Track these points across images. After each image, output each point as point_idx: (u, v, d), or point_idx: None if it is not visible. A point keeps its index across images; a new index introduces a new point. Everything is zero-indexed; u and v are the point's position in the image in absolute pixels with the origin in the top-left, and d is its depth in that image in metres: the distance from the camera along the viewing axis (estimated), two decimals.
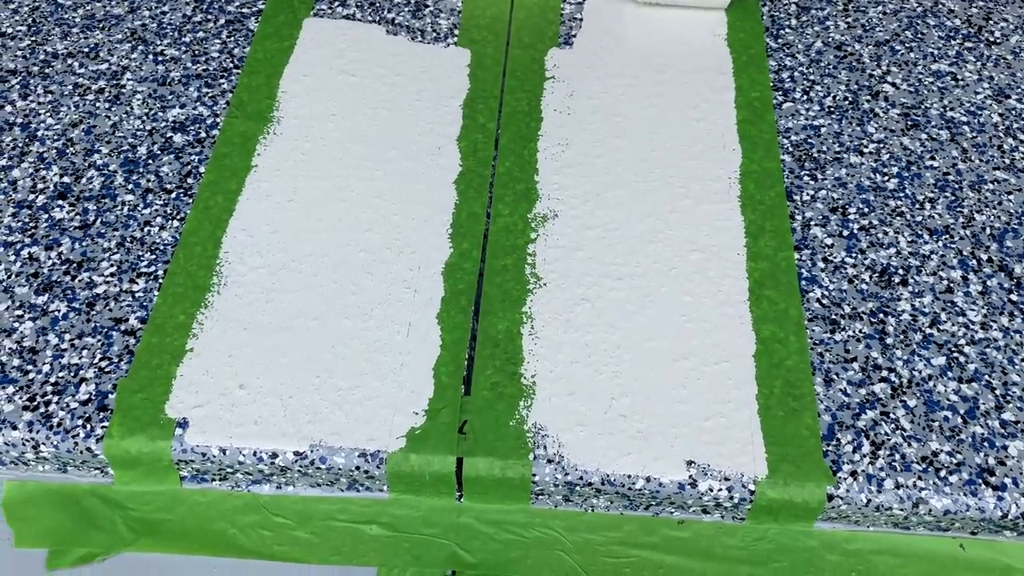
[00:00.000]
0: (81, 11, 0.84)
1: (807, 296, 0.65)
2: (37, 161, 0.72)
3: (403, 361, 0.61)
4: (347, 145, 0.74)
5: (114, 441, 0.57)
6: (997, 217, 0.71)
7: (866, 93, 0.79)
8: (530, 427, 0.58)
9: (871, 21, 0.85)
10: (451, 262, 0.67)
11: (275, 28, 0.82)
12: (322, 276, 0.66)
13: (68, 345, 0.62)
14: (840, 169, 0.73)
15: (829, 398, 0.60)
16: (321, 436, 0.58)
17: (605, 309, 0.64)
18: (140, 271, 0.66)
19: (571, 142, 0.75)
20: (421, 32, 0.82)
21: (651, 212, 0.70)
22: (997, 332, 0.64)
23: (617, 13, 0.85)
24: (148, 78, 0.78)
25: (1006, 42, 0.84)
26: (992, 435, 0.59)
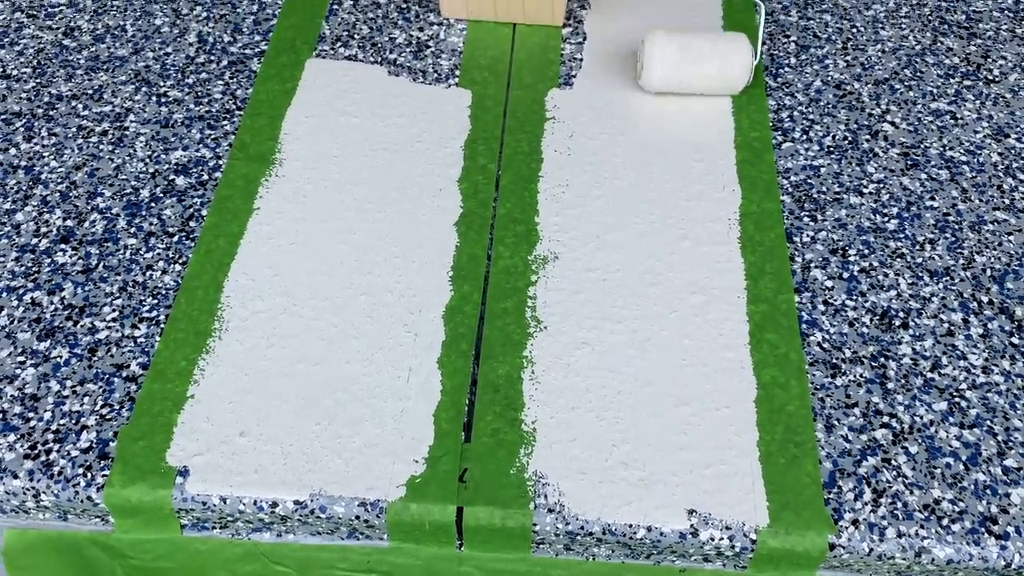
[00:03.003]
0: (86, 53, 0.85)
1: (808, 340, 0.65)
2: (41, 204, 0.73)
3: (403, 407, 0.61)
4: (348, 187, 0.74)
5: (115, 490, 0.57)
6: (997, 258, 0.71)
7: (866, 132, 0.79)
8: (531, 475, 0.58)
9: (870, 59, 0.86)
10: (452, 305, 0.67)
11: (277, 69, 0.83)
12: (323, 320, 0.66)
13: (70, 392, 0.62)
14: (840, 210, 0.73)
15: (830, 444, 0.60)
16: (321, 485, 0.57)
17: (606, 353, 0.64)
18: (142, 316, 0.66)
19: (571, 183, 0.75)
20: (423, 73, 0.83)
21: (651, 254, 0.70)
22: (998, 376, 0.64)
23: (617, 54, 0.85)
24: (151, 120, 0.79)
25: (1005, 80, 0.84)
26: (994, 482, 0.59)
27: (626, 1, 0.91)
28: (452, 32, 0.87)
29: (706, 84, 0.79)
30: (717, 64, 0.78)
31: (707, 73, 0.78)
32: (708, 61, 0.78)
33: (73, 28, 0.87)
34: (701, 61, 0.78)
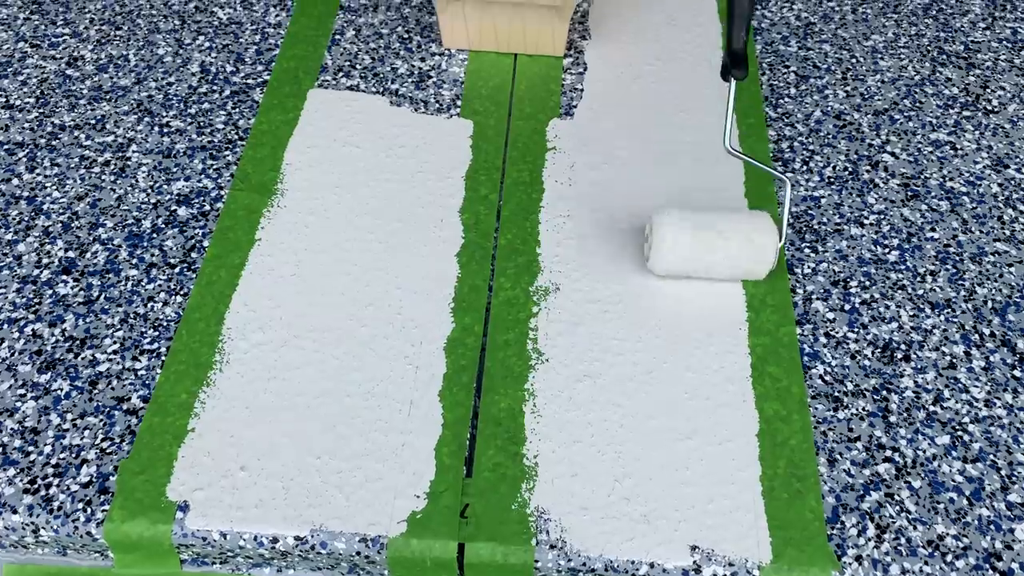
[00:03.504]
0: (89, 82, 0.85)
1: (810, 372, 0.65)
2: (43, 235, 0.73)
3: (404, 441, 0.61)
4: (350, 217, 0.74)
5: (115, 525, 0.57)
6: (999, 290, 0.71)
7: (866, 163, 0.80)
8: (532, 511, 0.58)
9: (869, 90, 0.86)
10: (453, 337, 0.67)
11: (280, 99, 0.83)
12: (324, 352, 0.66)
13: (70, 425, 0.62)
14: (841, 241, 0.74)
15: (833, 479, 0.60)
16: (322, 520, 0.57)
17: (607, 386, 0.64)
18: (143, 348, 0.66)
19: (572, 213, 0.75)
20: (424, 103, 0.83)
21: (651, 287, 0.70)
22: (1001, 409, 0.64)
23: (618, 85, 0.86)
24: (153, 150, 0.79)
25: (1004, 111, 0.85)
26: (998, 518, 0.58)
27: (627, 32, 0.91)
28: (454, 62, 0.87)
29: (725, 272, 0.69)
30: (736, 251, 0.67)
31: (726, 264, 0.68)
32: (726, 250, 0.67)
33: (76, 58, 0.88)
34: (718, 250, 0.67)
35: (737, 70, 0.67)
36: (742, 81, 0.70)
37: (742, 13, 0.66)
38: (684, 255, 0.67)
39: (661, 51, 0.89)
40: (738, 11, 0.66)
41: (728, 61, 0.67)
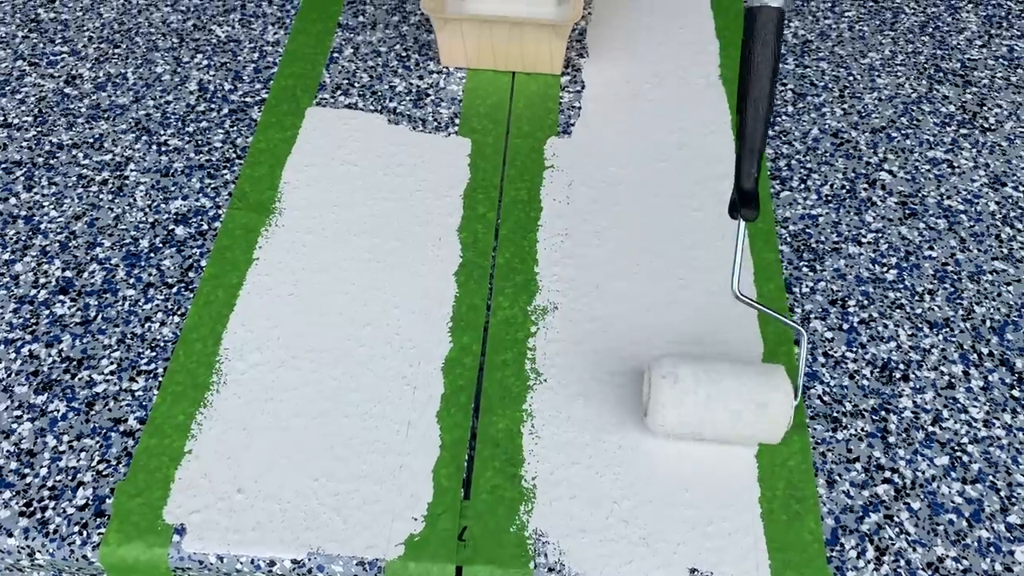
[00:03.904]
0: (87, 101, 0.85)
1: (808, 392, 0.65)
2: (40, 255, 0.72)
3: (402, 463, 0.61)
4: (348, 236, 0.74)
5: (110, 548, 0.57)
6: (997, 309, 0.71)
7: (863, 181, 0.80)
8: (531, 533, 0.58)
9: (867, 108, 0.86)
10: (451, 357, 0.67)
11: (278, 118, 0.83)
12: (322, 372, 0.66)
13: (66, 447, 0.61)
14: (839, 260, 0.74)
15: (832, 500, 0.60)
16: (319, 543, 0.57)
17: (606, 406, 0.64)
18: (140, 369, 0.66)
19: (570, 232, 0.75)
20: (422, 121, 0.83)
21: (651, 305, 0.70)
22: (1000, 430, 0.63)
23: (616, 103, 0.86)
24: (151, 169, 0.79)
25: (1001, 128, 0.85)
26: (998, 539, 0.58)
27: (624, 50, 0.91)
28: (452, 81, 0.87)
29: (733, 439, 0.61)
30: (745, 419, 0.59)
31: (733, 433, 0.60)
32: (734, 409, 0.59)
33: (75, 76, 0.88)
34: (723, 422, 0.59)
35: (748, 210, 0.58)
36: (752, 222, 0.61)
37: (753, 146, 0.58)
38: (686, 421, 0.59)
39: (658, 69, 0.89)
40: (749, 144, 0.58)
41: (737, 199, 0.59)
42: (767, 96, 0.58)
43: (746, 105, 0.58)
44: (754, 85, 0.57)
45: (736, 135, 0.61)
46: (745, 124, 0.58)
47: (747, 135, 0.58)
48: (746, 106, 0.58)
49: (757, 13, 0.58)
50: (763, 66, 0.57)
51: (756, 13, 0.58)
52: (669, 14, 0.96)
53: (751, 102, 0.58)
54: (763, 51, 0.57)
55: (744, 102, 0.58)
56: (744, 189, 0.58)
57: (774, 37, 0.57)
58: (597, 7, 0.96)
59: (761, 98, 0.57)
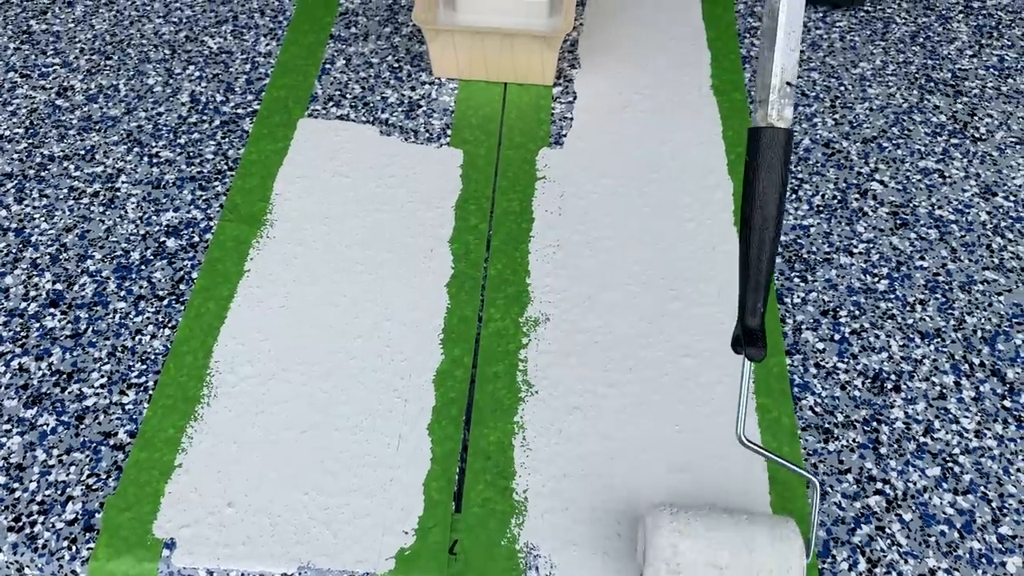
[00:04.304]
0: (79, 113, 0.85)
1: (800, 403, 0.65)
2: (30, 267, 0.72)
3: (393, 476, 0.61)
4: (339, 248, 0.74)
5: (100, 563, 0.57)
6: (988, 319, 0.71)
7: (855, 191, 0.80)
8: (522, 547, 0.57)
9: (858, 118, 0.87)
10: (442, 369, 0.67)
11: (270, 129, 0.83)
12: (312, 385, 0.65)
13: (56, 461, 0.61)
14: (830, 270, 0.74)
15: (824, 512, 0.60)
16: (309, 557, 0.57)
17: (598, 419, 0.64)
18: (130, 382, 0.65)
19: (562, 243, 0.75)
20: (414, 132, 0.84)
21: (643, 316, 0.70)
22: (991, 440, 0.63)
23: (608, 114, 0.86)
24: (143, 181, 0.79)
25: (991, 138, 0.85)
26: (990, 551, 0.58)
27: (616, 61, 0.92)
28: (444, 92, 0.87)
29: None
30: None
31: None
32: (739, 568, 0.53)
33: (66, 88, 0.88)
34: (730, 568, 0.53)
35: (753, 350, 0.52)
36: (759, 362, 0.54)
37: (759, 280, 0.52)
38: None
39: (650, 80, 0.90)
40: (753, 277, 0.52)
41: (741, 336, 0.53)
42: (773, 225, 0.52)
43: (750, 234, 0.52)
44: (758, 212, 0.52)
45: (740, 264, 0.53)
46: (749, 255, 0.52)
47: (751, 267, 0.52)
48: (750, 235, 0.52)
49: (761, 135, 0.52)
50: (769, 193, 0.52)
51: (760, 134, 0.52)
52: (661, 25, 0.96)
53: (755, 231, 0.52)
54: (768, 176, 0.52)
55: (748, 230, 0.52)
56: (748, 327, 0.53)
57: (781, 162, 0.52)
58: (589, 18, 0.96)
59: (767, 227, 0.52)
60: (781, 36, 0.53)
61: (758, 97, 0.53)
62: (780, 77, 0.52)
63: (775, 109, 0.52)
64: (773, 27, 0.53)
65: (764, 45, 0.54)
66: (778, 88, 0.52)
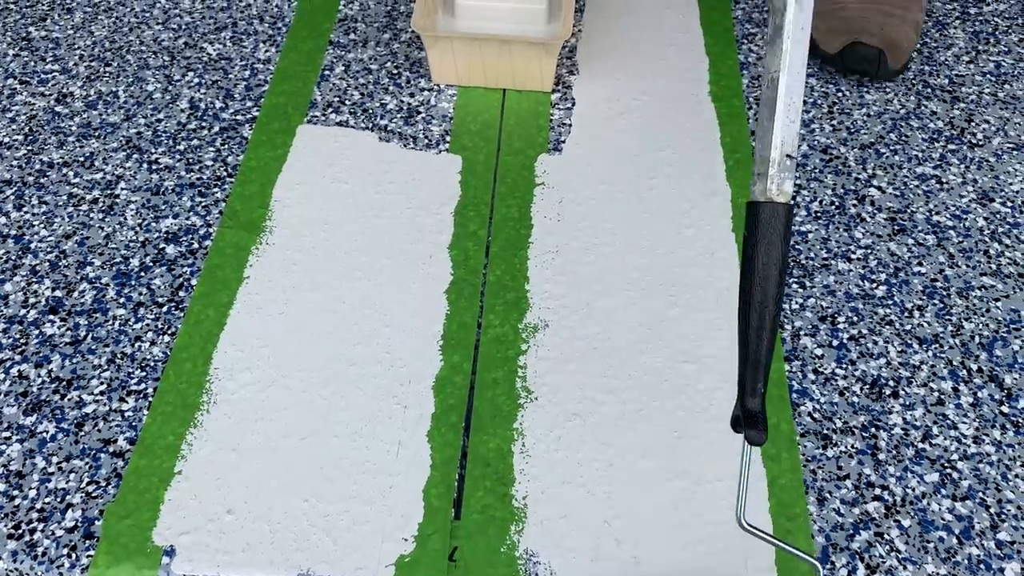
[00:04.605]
0: (78, 119, 0.85)
1: (798, 410, 0.65)
2: (30, 274, 0.72)
3: (392, 483, 0.61)
4: (338, 254, 0.74)
5: (100, 571, 0.57)
6: (986, 325, 0.71)
7: (852, 197, 0.80)
8: (521, 553, 0.57)
9: (855, 124, 0.87)
10: (442, 375, 0.67)
11: (269, 136, 0.84)
12: (312, 392, 0.65)
13: (55, 468, 0.61)
14: (828, 276, 0.74)
15: (823, 518, 0.60)
16: (309, 564, 0.57)
17: (597, 425, 0.64)
18: (130, 389, 0.65)
19: (561, 249, 0.76)
20: (413, 139, 0.84)
21: (641, 322, 0.70)
22: (990, 446, 0.64)
23: (606, 120, 0.86)
24: (142, 187, 0.79)
25: (988, 144, 0.85)
26: (988, 556, 0.58)
27: (614, 67, 0.92)
28: (442, 98, 0.88)
29: None
30: None
31: None
32: None
33: (65, 95, 0.88)
34: None
35: (754, 432, 0.51)
36: (759, 445, 0.51)
37: (758, 359, 0.51)
38: None
39: (648, 86, 0.90)
40: (752, 356, 0.51)
41: (741, 417, 0.52)
42: (773, 302, 0.50)
43: (749, 312, 0.51)
44: (757, 289, 0.51)
45: (739, 342, 0.52)
46: (748, 333, 0.51)
47: (750, 345, 0.51)
48: (749, 312, 0.51)
49: (760, 210, 0.51)
50: (769, 269, 0.50)
51: (759, 209, 0.51)
52: (659, 32, 0.96)
53: (754, 308, 0.51)
54: (768, 252, 0.50)
55: (747, 307, 0.51)
56: (748, 409, 0.51)
57: (781, 238, 0.50)
58: (587, 25, 0.97)
59: (766, 304, 0.50)
60: (780, 108, 0.51)
61: (757, 170, 0.52)
62: (780, 150, 0.51)
63: (775, 183, 0.51)
64: (773, 98, 0.51)
65: (763, 116, 0.52)
66: (778, 161, 0.51)
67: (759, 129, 0.53)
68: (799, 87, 0.52)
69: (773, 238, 0.51)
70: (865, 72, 0.88)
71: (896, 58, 0.87)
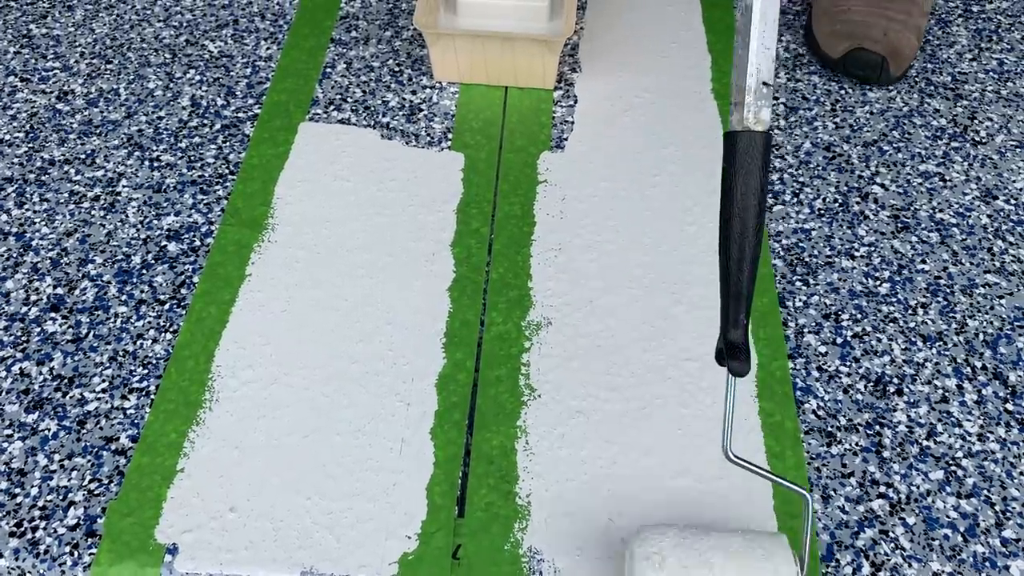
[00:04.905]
0: (79, 117, 0.85)
1: (803, 407, 0.65)
2: (31, 272, 0.72)
3: (395, 481, 0.60)
4: (341, 252, 0.74)
5: (102, 569, 0.56)
6: (990, 323, 0.71)
7: (856, 195, 0.80)
8: (525, 551, 0.57)
9: (858, 121, 0.87)
10: (444, 373, 0.66)
11: (271, 133, 0.83)
12: (314, 390, 0.65)
13: (57, 466, 0.61)
14: (832, 274, 0.74)
15: (827, 516, 0.60)
16: (312, 562, 0.57)
17: (600, 423, 0.64)
18: (132, 387, 0.65)
19: (564, 247, 0.75)
20: (415, 136, 0.83)
21: (645, 319, 0.70)
22: (994, 444, 0.63)
23: (609, 117, 0.86)
24: (143, 185, 0.79)
25: (991, 142, 0.85)
26: (993, 554, 0.58)
27: (617, 64, 0.92)
28: (444, 95, 0.87)
29: None
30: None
31: None
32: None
33: (67, 92, 0.87)
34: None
35: (736, 363, 0.50)
36: (742, 377, 0.52)
37: (739, 291, 0.50)
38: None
39: (651, 83, 0.90)
40: (733, 288, 0.50)
41: (724, 349, 0.51)
42: (753, 234, 0.50)
43: (728, 244, 0.50)
44: (736, 221, 0.50)
45: (720, 275, 0.51)
46: (729, 266, 0.50)
47: (731, 278, 0.50)
48: (729, 245, 0.50)
49: (737, 139, 0.50)
50: (748, 200, 0.49)
51: (736, 139, 0.50)
52: (661, 29, 0.96)
53: (734, 240, 0.50)
54: (746, 183, 0.49)
55: (726, 240, 0.50)
56: (730, 341, 0.51)
57: (759, 167, 0.49)
58: (589, 22, 0.96)
59: (746, 236, 0.50)
60: (755, 34, 0.50)
61: (733, 99, 0.51)
62: (756, 77, 0.50)
63: (751, 112, 0.50)
64: (747, 24, 0.51)
65: (738, 44, 0.52)
66: (754, 89, 0.50)
67: (735, 58, 0.52)
68: (773, 13, 0.50)
69: (751, 167, 0.49)
70: (867, 79, 0.88)
71: (898, 65, 0.87)
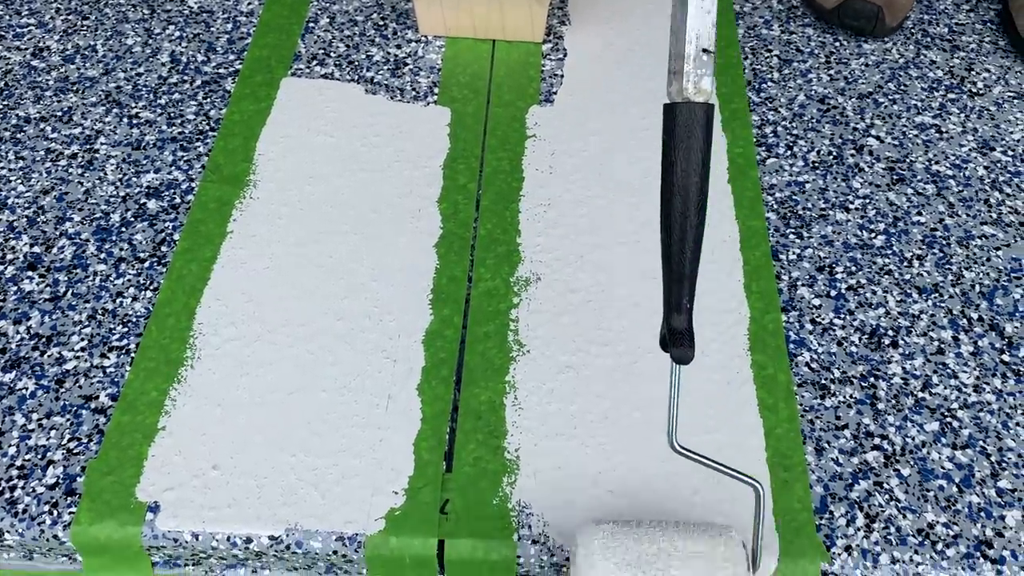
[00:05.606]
0: (55, 74, 0.83)
1: (796, 360, 0.64)
2: (7, 230, 0.70)
3: (382, 436, 0.59)
4: (325, 208, 0.72)
5: (82, 528, 0.55)
6: (986, 274, 0.69)
7: (850, 147, 0.78)
8: (514, 505, 0.56)
9: (853, 73, 0.85)
10: (432, 329, 0.65)
11: (252, 89, 0.81)
12: (298, 347, 0.64)
13: (35, 425, 0.60)
14: (826, 226, 0.72)
15: (821, 468, 0.59)
16: (297, 519, 0.55)
17: (591, 377, 0.63)
18: (112, 345, 0.64)
19: (553, 202, 0.74)
20: (400, 91, 0.82)
21: (635, 274, 0.69)
22: (990, 395, 0.63)
23: (599, 71, 0.84)
24: (122, 142, 0.77)
25: (989, 93, 0.84)
26: (989, 504, 0.57)
27: (606, 17, 0.90)
28: (430, 49, 0.85)
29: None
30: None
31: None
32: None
33: (42, 48, 0.85)
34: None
35: (680, 351, 0.48)
36: (686, 365, 0.49)
37: (681, 272, 0.47)
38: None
39: (641, 36, 0.88)
40: (675, 270, 0.47)
41: (667, 336, 0.48)
42: (695, 212, 0.46)
43: (670, 223, 0.47)
44: (677, 199, 0.46)
45: (662, 257, 0.48)
46: (671, 246, 0.47)
47: (672, 259, 0.47)
48: (670, 224, 0.47)
49: (676, 111, 0.46)
50: (688, 177, 0.46)
51: (675, 111, 0.47)
52: None
53: (675, 219, 0.47)
54: (687, 158, 0.46)
55: (668, 219, 0.47)
56: (673, 327, 0.48)
57: (700, 142, 0.46)
58: None
59: (688, 214, 0.46)
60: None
61: (672, 68, 0.48)
62: (695, 44, 0.47)
63: (691, 81, 0.47)
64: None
65: (676, 8, 0.48)
66: (693, 57, 0.47)
67: (673, 24, 0.48)
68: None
69: (691, 142, 0.46)
70: (861, 29, 0.86)
71: (894, 16, 0.85)
